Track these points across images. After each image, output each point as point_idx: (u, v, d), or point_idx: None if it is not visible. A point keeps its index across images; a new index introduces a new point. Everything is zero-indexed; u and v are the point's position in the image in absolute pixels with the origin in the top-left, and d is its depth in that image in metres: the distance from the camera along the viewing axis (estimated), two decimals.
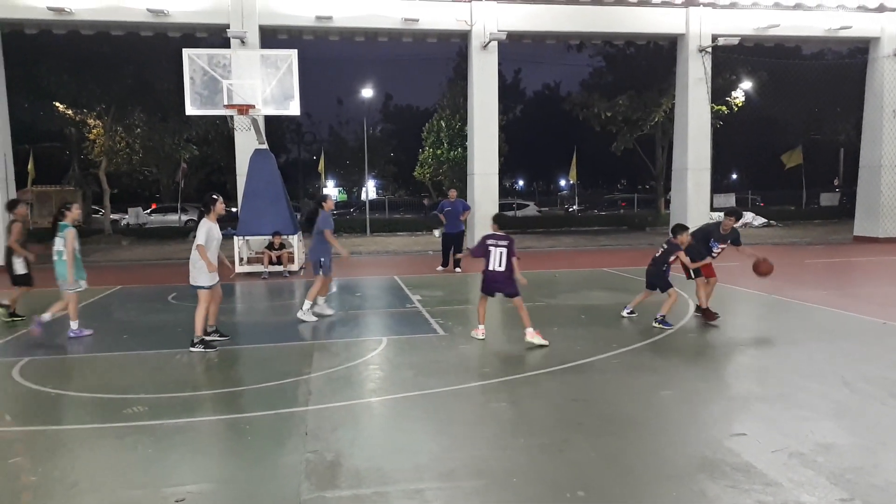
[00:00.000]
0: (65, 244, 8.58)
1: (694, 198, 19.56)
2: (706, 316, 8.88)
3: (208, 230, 7.73)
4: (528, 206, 37.04)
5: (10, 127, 17.39)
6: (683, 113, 19.69)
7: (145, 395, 5.94)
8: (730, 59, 24.81)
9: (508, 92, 50.06)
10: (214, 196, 7.93)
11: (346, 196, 58.23)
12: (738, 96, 29.65)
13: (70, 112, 27.08)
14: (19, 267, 9.74)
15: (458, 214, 14.73)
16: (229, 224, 24.72)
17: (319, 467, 4.36)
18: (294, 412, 5.47)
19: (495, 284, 7.97)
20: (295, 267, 14.62)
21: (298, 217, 16.87)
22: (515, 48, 20.95)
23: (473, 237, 18.33)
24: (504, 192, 41.74)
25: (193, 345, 7.69)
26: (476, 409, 5.55)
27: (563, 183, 66.54)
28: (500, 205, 19.51)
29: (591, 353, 7.19)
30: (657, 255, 9.11)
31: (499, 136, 19.18)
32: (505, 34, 17.60)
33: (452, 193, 15.13)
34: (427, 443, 4.77)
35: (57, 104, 26.53)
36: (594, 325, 8.84)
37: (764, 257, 9.04)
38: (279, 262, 14.36)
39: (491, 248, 7.93)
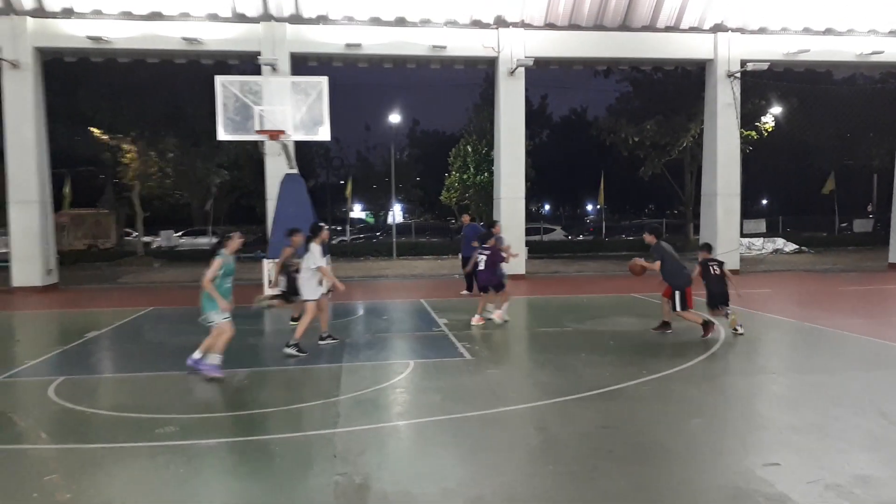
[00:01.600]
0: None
1: (724, 223, 19.35)
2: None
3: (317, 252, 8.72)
4: (554, 230, 36.93)
5: (49, 151, 17.89)
6: (712, 138, 19.58)
7: (177, 415, 6.01)
8: (759, 84, 24.69)
9: (535, 117, 50.22)
10: (321, 224, 9.19)
11: (373, 219, 58.65)
12: (768, 121, 29.41)
13: (106, 137, 27.78)
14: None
15: (471, 239, 14.82)
16: (259, 248, 25.02)
17: (348, 490, 4.37)
18: (322, 434, 5.50)
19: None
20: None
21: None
22: (542, 73, 21.16)
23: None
24: (531, 216, 41.67)
25: (289, 346, 8.51)
26: (504, 434, 5.52)
27: (589, 207, 66.37)
28: (526, 229, 19.50)
29: (621, 379, 7.12)
30: (718, 273, 9.73)
31: (526, 160, 19.22)
32: (532, 60, 17.74)
33: (465, 218, 15.40)
34: (454, 468, 4.76)
35: (93, 129, 27.25)
36: (623, 351, 8.76)
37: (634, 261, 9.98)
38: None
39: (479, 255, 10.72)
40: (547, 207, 70.29)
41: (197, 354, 7.38)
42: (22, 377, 7.70)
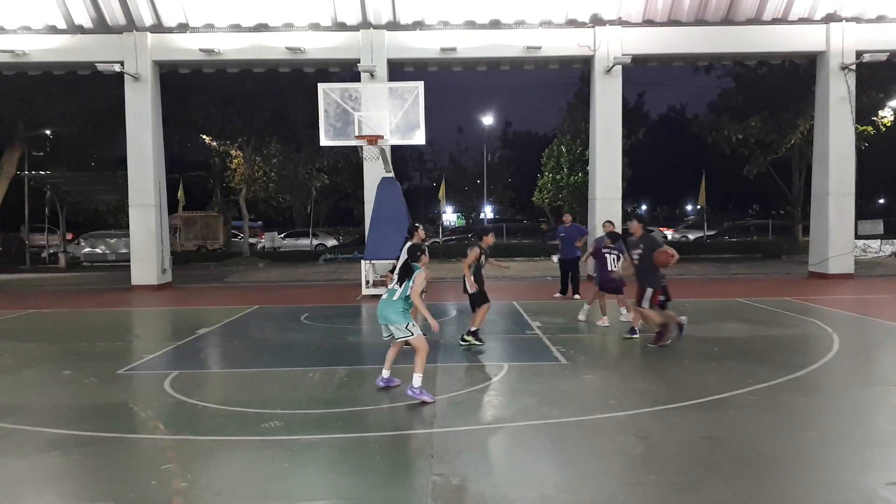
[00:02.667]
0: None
1: (836, 225, 18.18)
2: None
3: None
4: (652, 231, 35.83)
5: (164, 158, 19.08)
6: (824, 135, 18.44)
7: (281, 410, 6.26)
8: (876, 76, 23.02)
9: (631, 115, 48.98)
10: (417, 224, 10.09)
11: (464, 221, 58.99)
12: (887, 115, 27.37)
13: (215, 143, 29.36)
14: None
15: (574, 240, 14.52)
16: (356, 248, 25.66)
17: (446, 491, 4.41)
18: (419, 434, 5.57)
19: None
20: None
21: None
22: (639, 70, 20.55)
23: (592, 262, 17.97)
24: (627, 217, 40.62)
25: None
26: (603, 441, 5.41)
27: (689, 207, 64.06)
28: (623, 230, 19.02)
29: (726, 388, 6.83)
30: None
31: (622, 160, 18.77)
32: (629, 58, 17.32)
33: (567, 218, 15.02)
34: (553, 474, 4.70)
35: (204, 136, 28.85)
36: (728, 358, 8.38)
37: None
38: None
39: (605, 254, 10.44)
40: (644, 208, 68.42)
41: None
42: (141, 370, 8.23)
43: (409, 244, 8.95)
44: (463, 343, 9.19)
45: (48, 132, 29.74)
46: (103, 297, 16.75)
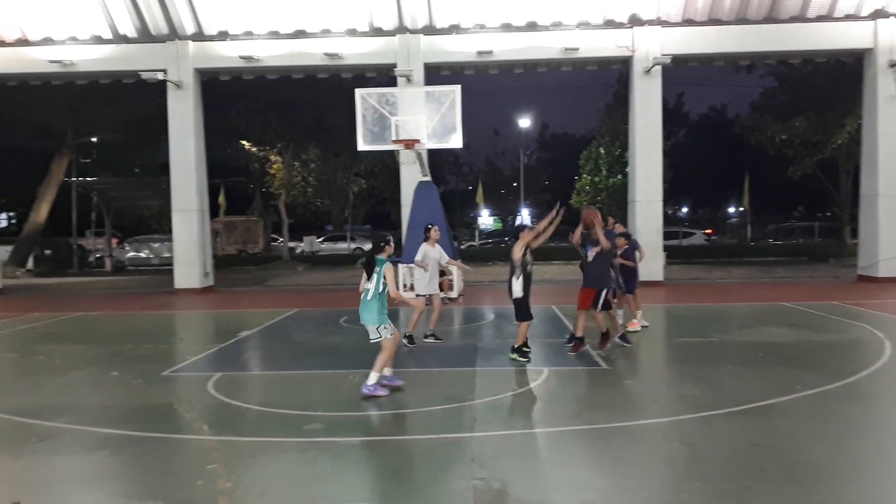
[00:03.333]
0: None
1: (886, 227, 17.62)
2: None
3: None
4: (694, 234, 35.25)
5: (206, 163, 19.46)
6: (872, 134, 17.91)
7: (323, 412, 6.30)
8: None
9: (671, 116, 48.27)
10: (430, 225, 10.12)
11: (500, 224, 58.79)
12: None
13: (255, 149, 29.86)
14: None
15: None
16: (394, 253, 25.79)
17: (487, 495, 4.38)
18: (460, 438, 5.56)
19: None
20: (454, 294, 14.97)
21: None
22: (678, 70, 20.22)
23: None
24: (667, 219, 40.04)
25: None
26: (646, 448, 5.32)
27: (731, 209, 62.81)
28: (665, 233, 18.78)
29: (772, 394, 6.65)
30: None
31: (663, 161, 18.50)
32: (669, 58, 17.08)
33: (610, 221, 14.80)
34: (595, 480, 4.64)
35: (244, 142, 29.37)
36: (774, 364, 8.17)
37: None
38: (440, 289, 14.76)
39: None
40: (685, 210, 67.34)
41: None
42: (185, 372, 8.39)
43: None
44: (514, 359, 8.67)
45: (94, 139, 30.61)
46: (147, 301, 17.14)
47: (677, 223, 42.21)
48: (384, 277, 6.73)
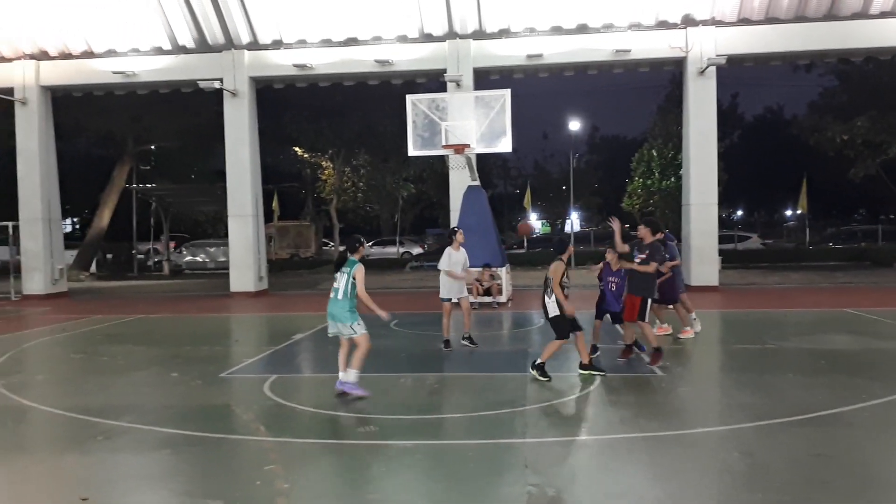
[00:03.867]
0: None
1: None
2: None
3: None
4: (750, 237, 34.31)
5: (260, 170, 19.89)
6: None
7: (376, 415, 6.37)
8: None
9: (725, 117, 47.18)
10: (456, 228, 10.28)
11: (549, 228, 58.37)
12: None
13: (307, 155, 30.40)
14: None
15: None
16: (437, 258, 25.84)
17: (541, 502, 4.36)
18: (512, 443, 5.54)
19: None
20: (503, 298, 14.93)
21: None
22: (732, 71, 19.76)
23: (689, 270, 17.38)
24: (722, 223, 39.07)
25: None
26: (703, 457, 5.21)
27: (788, 213, 60.97)
28: (720, 236, 18.34)
29: (835, 403, 6.43)
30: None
31: (717, 163, 18.08)
32: (724, 59, 16.70)
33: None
34: (651, 489, 4.56)
35: (297, 149, 29.94)
36: (837, 372, 7.90)
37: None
38: (488, 293, 14.76)
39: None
40: (739, 213, 65.65)
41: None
42: (241, 374, 8.58)
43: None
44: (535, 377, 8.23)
45: (154, 147, 31.65)
46: (204, 303, 17.61)
47: (732, 226, 41.10)
48: (353, 278, 7.05)
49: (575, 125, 33.85)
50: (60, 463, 5.36)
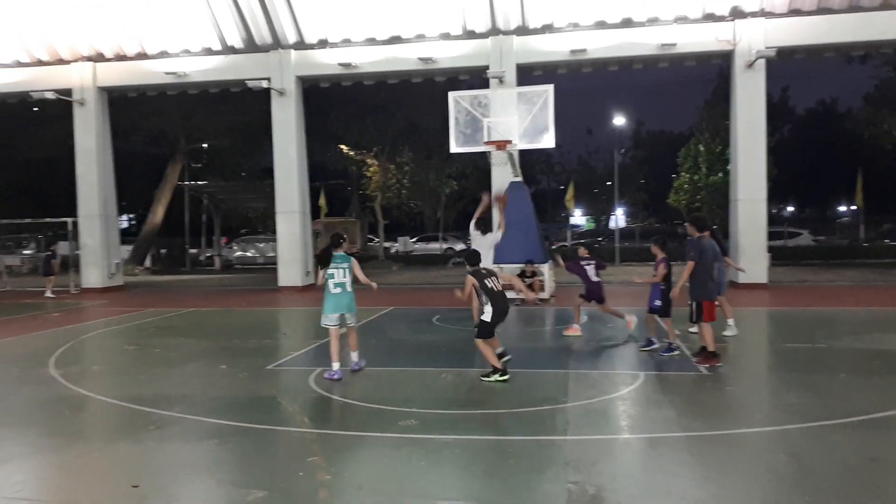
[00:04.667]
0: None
1: None
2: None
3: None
4: (801, 234, 33.33)
5: (307, 167, 20.21)
6: None
7: (417, 409, 6.44)
8: None
9: (775, 111, 45.89)
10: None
11: (593, 224, 57.75)
12: None
13: (352, 153, 30.75)
14: None
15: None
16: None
17: (582, 500, 4.36)
18: (553, 440, 5.54)
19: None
20: (546, 294, 14.87)
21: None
22: (783, 63, 19.18)
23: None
24: (772, 219, 38.01)
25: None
26: (749, 458, 5.12)
27: (841, 208, 59.03)
28: (769, 232, 17.88)
29: (891, 405, 6.24)
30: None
31: (766, 158, 17.62)
32: (774, 51, 16.26)
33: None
34: (694, 490, 4.51)
35: (342, 146, 30.31)
36: (892, 373, 7.65)
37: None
38: (530, 290, 14.70)
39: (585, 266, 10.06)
40: (790, 209, 63.81)
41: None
42: (287, 367, 8.78)
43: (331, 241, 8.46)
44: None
45: (205, 145, 32.44)
46: (253, 298, 18.00)
47: (781, 223, 39.93)
48: (354, 268, 8.21)
49: (619, 120, 33.42)
50: (113, 451, 5.58)
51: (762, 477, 4.71)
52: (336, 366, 7.79)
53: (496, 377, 7.41)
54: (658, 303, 8.90)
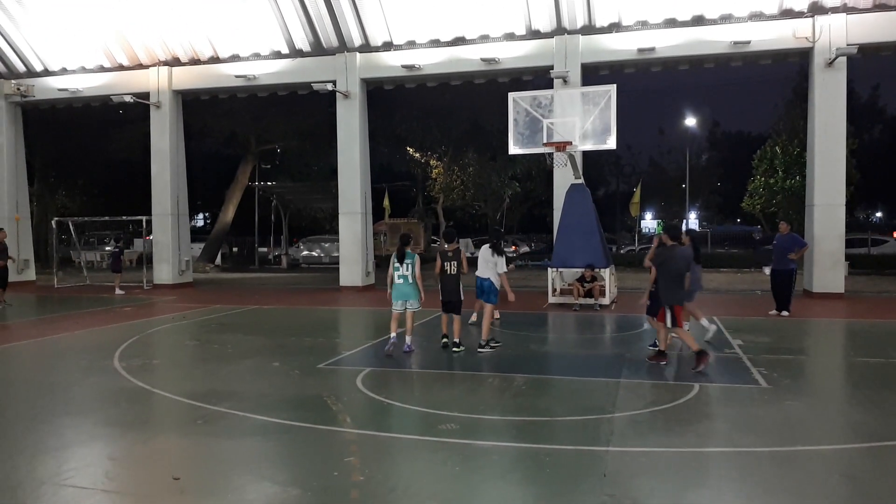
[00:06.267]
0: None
1: None
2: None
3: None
4: (886, 241, 31.48)
5: (370, 169, 20.45)
6: None
7: (458, 413, 6.39)
8: None
9: (863, 111, 43.56)
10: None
11: (662, 228, 56.27)
12: None
13: (417, 155, 30.98)
14: None
15: (788, 251, 13.11)
16: (546, 256, 25.61)
17: None
18: (594, 451, 5.39)
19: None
20: (606, 300, 14.53)
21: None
22: (872, 61, 18.15)
23: (812, 276, 16.22)
24: (856, 225, 36.22)
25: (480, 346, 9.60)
26: (802, 477, 4.84)
27: None
28: (852, 239, 16.91)
29: None
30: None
31: (848, 161, 16.66)
32: (856, 48, 15.39)
33: (783, 227, 13.63)
34: None
35: (408, 148, 30.57)
36: None
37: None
38: (590, 295, 14.40)
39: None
40: (878, 214, 60.48)
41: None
42: (338, 366, 8.88)
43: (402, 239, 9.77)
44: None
45: (275, 147, 33.34)
46: (314, 296, 18.35)
47: (866, 229, 37.78)
48: (414, 266, 9.36)
49: (691, 121, 32.40)
50: (161, 443, 5.77)
51: (813, 498, 4.45)
52: (393, 335, 9.36)
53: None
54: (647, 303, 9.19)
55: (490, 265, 10.03)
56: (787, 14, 16.29)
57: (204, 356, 9.65)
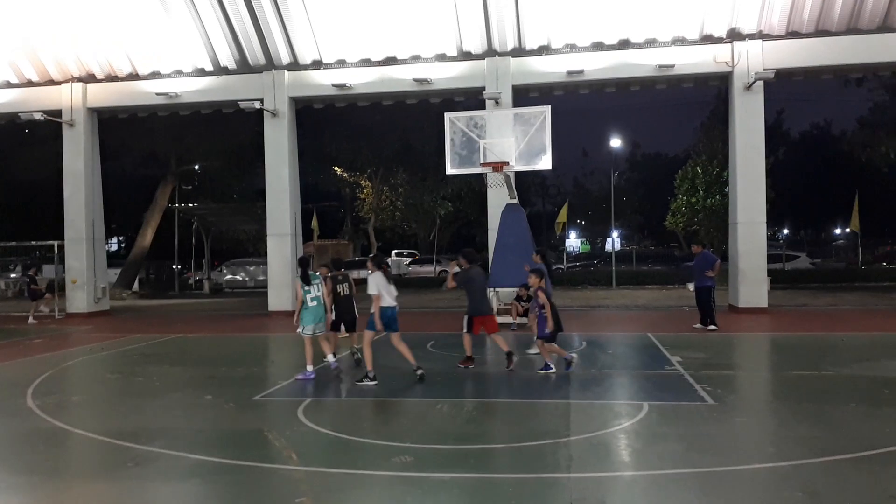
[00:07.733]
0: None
1: None
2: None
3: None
4: (798, 256, 33.19)
5: (299, 189, 19.94)
6: None
7: (411, 444, 6.09)
8: None
9: (770, 133, 45.95)
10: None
11: (588, 247, 57.62)
12: None
13: (346, 174, 30.56)
14: None
15: (702, 269, 13.69)
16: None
17: None
18: (557, 478, 5.22)
19: None
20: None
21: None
22: (776, 86, 19.14)
23: (737, 291, 16.79)
24: (768, 242, 37.74)
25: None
26: (763, 496, 4.82)
27: (836, 231, 59.12)
28: (767, 256, 17.64)
29: None
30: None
31: (765, 181, 17.45)
32: (773, 73, 16.17)
33: (696, 248, 14.37)
34: None
35: (336, 168, 30.12)
36: None
37: None
38: (527, 315, 14.36)
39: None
40: (785, 231, 63.86)
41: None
42: (275, 397, 8.41)
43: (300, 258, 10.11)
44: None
45: (196, 167, 32.17)
46: (242, 323, 17.62)
47: (778, 245, 39.86)
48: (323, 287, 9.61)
49: (616, 142, 33.38)
50: (89, 490, 5.24)
51: None
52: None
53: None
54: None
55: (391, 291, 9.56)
56: (708, 39, 16.98)
57: (128, 390, 8.97)
